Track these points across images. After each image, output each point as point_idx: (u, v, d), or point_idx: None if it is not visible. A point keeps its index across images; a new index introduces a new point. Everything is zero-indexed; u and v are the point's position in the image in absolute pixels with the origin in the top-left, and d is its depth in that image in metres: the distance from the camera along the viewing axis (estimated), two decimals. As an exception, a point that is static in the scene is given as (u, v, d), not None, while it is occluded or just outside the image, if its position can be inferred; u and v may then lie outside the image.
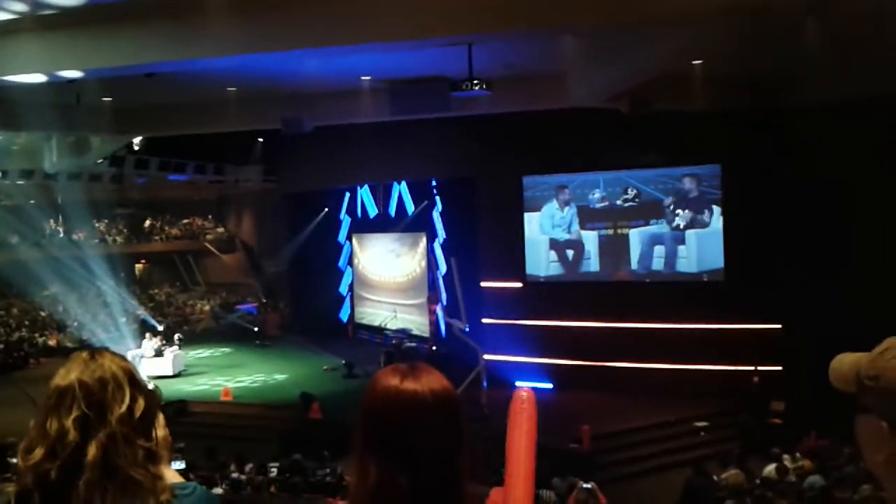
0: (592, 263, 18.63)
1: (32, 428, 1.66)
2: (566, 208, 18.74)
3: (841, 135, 13.70)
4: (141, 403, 1.69)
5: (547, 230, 18.94)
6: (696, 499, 10.98)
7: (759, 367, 15.85)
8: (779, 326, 16.11)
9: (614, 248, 18.38)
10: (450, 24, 10.15)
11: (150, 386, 1.79)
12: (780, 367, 15.89)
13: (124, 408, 1.65)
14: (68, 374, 1.68)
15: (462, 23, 10.13)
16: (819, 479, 10.34)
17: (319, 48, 11.09)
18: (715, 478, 11.48)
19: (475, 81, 12.06)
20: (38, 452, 1.61)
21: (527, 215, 19.06)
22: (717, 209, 17.14)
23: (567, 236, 18.81)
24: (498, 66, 13.48)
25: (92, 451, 1.59)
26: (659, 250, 17.82)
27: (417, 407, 1.47)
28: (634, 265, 18.14)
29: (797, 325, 15.36)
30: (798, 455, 11.60)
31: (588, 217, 18.57)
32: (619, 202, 18.25)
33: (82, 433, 1.61)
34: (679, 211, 17.58)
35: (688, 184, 17.50)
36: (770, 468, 11.34)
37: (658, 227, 17.83)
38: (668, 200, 17.70)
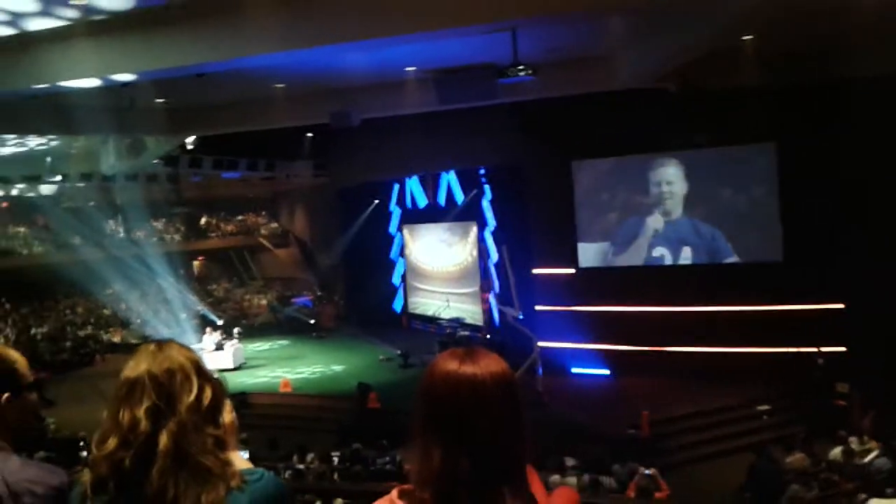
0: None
1: (105, 419, 1.72)
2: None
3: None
4: (208, 392, 1.74)
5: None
6: (761, 483, 10.79)
7: (823, 349, 15.45)
8: (842, 306, 15.66)
9: (670, 231, 18.07)
10: (493, 9, 10.06)
11: (216, 376, 1.84)
12: (843, 348, 15.47)
13: (192, 397, 1.71)
14: (138, 366, 1.74)
15: (505, 7, 10.03)
16: (886, 462, 10.07)
17: (362, 41, 11.11)
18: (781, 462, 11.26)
19: (520, 67, 11.95)
20: (112, 442, 1.67)
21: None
22: (774, 188, 16.69)
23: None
24: (542, 50, 13.35)
25: (163, 439, 1.65)
26: (719, 233, 17.44)
27: (477, 389, 1.50)
28: (694, 249, 17.79)
29: (860, 304, 14.91)
30: (865, 438, 11.29)
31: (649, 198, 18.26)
32: (679, 179, 17.87)
33: (153, 422, 1.66)
34: (732, 191, 17.19)
35: (744, 163, 17.08)
36: (836, 451, 11.09)
37: (715, 208, 17.45)
38: (723, 181, 17.32)
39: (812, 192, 15.78)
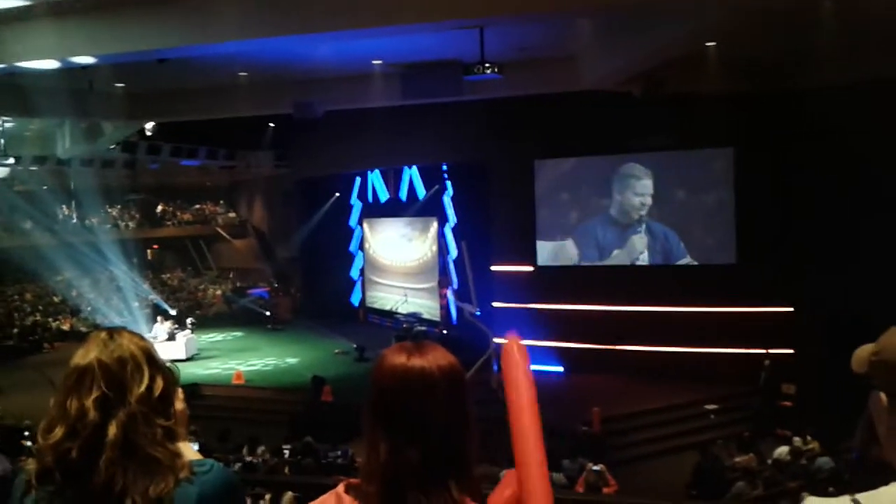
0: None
1: (52, 407, 1.68)
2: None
3: (854, 116, 13.57)
4: (160, 383, 1.72)
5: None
6: (705, 481, 11.01)
7: (771, 350, 15.81)
8: (790, 309, 16.04)
9: (631, 233, 18.28)
10: (460, 6, 10.10)
11: (168, 365, 1.82)
12: (791, 350, 15.85)
13: (143, 387, 1.68)
14: (87, 354, 1.71)
15: (472, 6, 10.08)
16: (828, 461, 10.35)
17: (329, 32, 11.07)
18: (726, 461, 11.51)
19: (487, 65, 12.01)
20: (59, 431, 1.64)
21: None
22: (729, 192, 17.01)
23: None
24: (510, 49, 13.42)
25: (112, 430, 1.62)
26: (673, 234, 17.72)
27: (426, 382, 1.51)
28: (646, 249, 18.05)
29: (809, 307, 15.30)
30: (808, 438, 11.59)
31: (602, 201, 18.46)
32: (632, 184, 18.12)
33: (102, 413, 1.64)
34: (689, 193, 17.48)
35: (701, 167, 17.37)
36: (781, 450, 11.37)
37: (672, 210, 17.72)
38: (681, 184, 17.59)
39: (766, 197, 16.15)
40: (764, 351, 15.81)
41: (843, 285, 14.21)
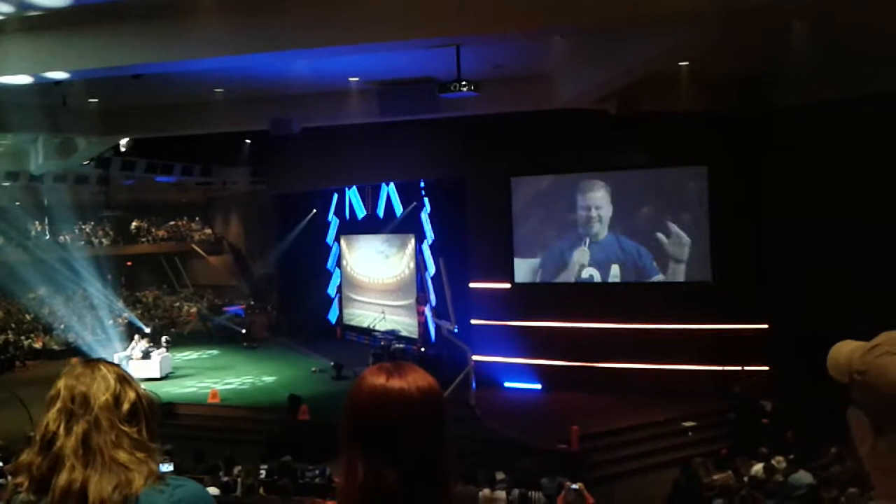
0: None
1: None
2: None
3: (827, 134, 13.81)
4: (130, 396, 1.73)
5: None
6: (683, 498, 11.03)
7: (747, 367, 15.93)
8: (765, 327, 16.20)
9: (603, 250, 18.39)
10: (435, 25, 10.15)
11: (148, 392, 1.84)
12: (767, 367, 15.98)
13: (109, 395, 1.70)
14: (59, 381, 1.75)
15: (447, 24, 10.13)
16: (805, 476, 10.41)
17: (305, 49, 11.08)
18: (705, 478, 11.53)
19: (463, 83, 12.06)
20: (30, 451, 1.68)
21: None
22: (703, 210, 17.18)
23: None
24: (486, 67, 13.50)
25: (73, 436, 1.65)
26: (646, 251, 17.85)
27: (405, 404, 1.50)
28: (622, 266, 18.15)
29: (784, 325, 15.45)
30: (780, 458, 11.65)
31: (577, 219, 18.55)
32: (607, 203, 18.24)
33: (65, 422, 1.66)
34: (666, 212, 17.62)
35: (675, 185, 17.54)
36: (757, 467, 11.41)
37: (645, 228, 17.85)
38: (655, 202, 17.73)
39: (740, 216, 16.32)
40: (740, 368, 15.94)
41: (818, 302, 14.37)
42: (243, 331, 26.68)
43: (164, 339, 23.01)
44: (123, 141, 19.44)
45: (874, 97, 12.93)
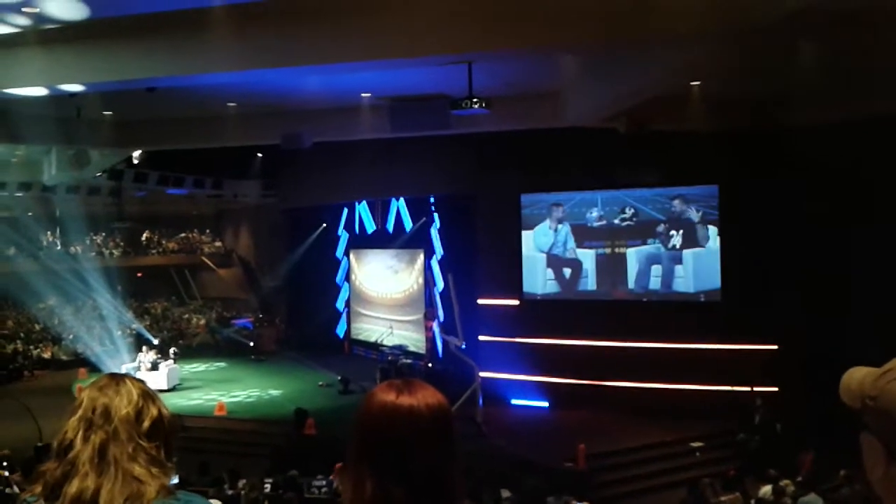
0: (590, 282, 18.59)
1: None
2: (559, 226, 18.70)
3: (839, 154, 13.77)
4: (153, 413, 1.75)
5: (542, 248, 18.92)
6: (691, 519, 10.94)
7: (756, 388, 15.81)
8: (775, 347, 16.10)
9: (611, 267, 18.37)
10: (447, 43, 10.21)
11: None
12: (776, 388, 15.87)
13: (130, 409, 1.72)
14: (82, 393, 1.78)
15: (459, 42, 10.19)
16: (815, 499, 10.31)
17: (318, 65, 11.15)
18: (712, 499, 11.43)
19: (475, 100, 12.11)
20: (51, 461, 1.70)
21: (524, 233, 19.05)
22: (713, 229, 17.16)
23: (564, 255, 18.79)
24: (498, 84, 13.56)
25: (90, 445, 1.66)
26: (656, 269, 17.81)
27: (414, 421, 1.52)
28: (632, 284, 18.12)
29: (794, 345, 15.35)
30: (797, 479, 11.56)
31: (585, 235, 18.53)
32: (616, 221, 18.25)
33: (84, 431, 1.68)
34: (675, 231, 17.61)
35: (684, 204, 17.53)
36: (766, 489, 11.31)
37: (655, 247, 17.82)
38: (664, 220, 17.73)
39: (751, 235, 16.26)
40: (750, 389, 15.82)
41: (827, 324, 14.29)
42: (251, 344, 26.73)
43: (172, 350, 23.06)
44: (136, 153, 19.61)
45: (888, 118, 12.89)
